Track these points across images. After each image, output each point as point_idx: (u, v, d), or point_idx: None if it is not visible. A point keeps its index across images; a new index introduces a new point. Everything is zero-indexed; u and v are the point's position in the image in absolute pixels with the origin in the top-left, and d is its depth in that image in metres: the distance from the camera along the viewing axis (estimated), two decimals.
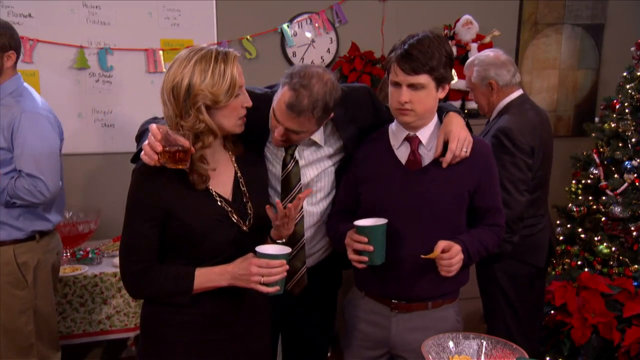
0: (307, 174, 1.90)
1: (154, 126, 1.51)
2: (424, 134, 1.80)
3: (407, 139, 1.80)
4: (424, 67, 1.67)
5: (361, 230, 1.70)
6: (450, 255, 1.67)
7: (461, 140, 1.75)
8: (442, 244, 1.67)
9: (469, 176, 1.79)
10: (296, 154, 1.87)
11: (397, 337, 1.86)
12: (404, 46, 1.70)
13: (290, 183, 1.87)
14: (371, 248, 1.68)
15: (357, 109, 1.91)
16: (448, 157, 1.75)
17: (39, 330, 2.43)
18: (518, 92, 2.58)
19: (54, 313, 2.56)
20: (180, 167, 1.53)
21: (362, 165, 1.86)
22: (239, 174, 1.70)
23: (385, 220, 1.69)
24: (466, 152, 1.76)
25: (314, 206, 1.93)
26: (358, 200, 1.87)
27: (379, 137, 1.88)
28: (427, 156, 1.80)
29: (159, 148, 1.50)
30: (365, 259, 1.70)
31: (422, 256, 1.68)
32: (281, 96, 1.69)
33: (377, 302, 1.89)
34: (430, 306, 1.85)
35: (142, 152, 1.54)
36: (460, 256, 1.69)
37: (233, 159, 1.71)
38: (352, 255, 1.73)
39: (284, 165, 1.87)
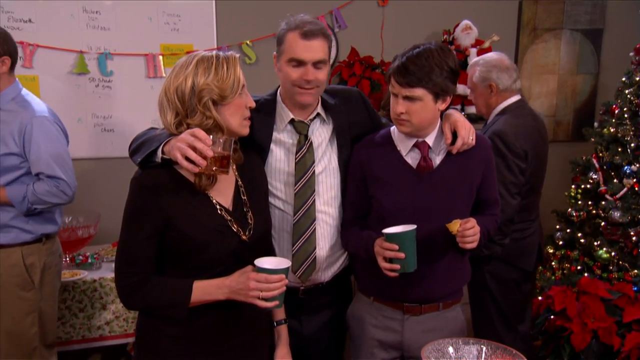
0: (319, 161, 1.90)
1: (202, 132, 1.47)
2: (431, 139, 1.84)
3: (416, 145, 1.83)
4: (419, 81, 1.70)
5: (391, 237, 1.68)
6: (472, 224, 1.71)
7: (467, 129, 1.81)
8: (459, 220, 1.72)
9: (475, 171, 1.85)
10: (308, 133, 1.90)
11: (410, 340, 1.88)
12: (402, 58, 1.73)
13: (305, 165, 1.88)
14: (403, 255, 1.67)
15: (347, 103, 1.97)
16: (459, 143, 1.80)
17: (42, 332, 2.44)
18: (516, 97, 2.60)
19: (55, 315, 2.57)
20: (224, 173, 1.51)
21: (369, 167, 1.87)
22: (239, 183, 1.68)
23: (414, 226, 1.68)
24: (473, 140, 1.81)
25: (326, 206, 1.92)
26: (369, 203, 1.88)
27: (383, 141, 1.90)
28: (435, 160, 1.84)
29: (211, 154, 1.46)
30: (398, 267, 1.69)
31: (447, 225, 1.71)
32: (292, 40, 1.79)
33: (388, 306, 1.90)
34: (441, 307, 1.89)
35: (179, 157, 1.46)
36: (478, 227, 1.73)
37: (234, 167, 1.69)
38: (383, 264, 1.72)
39: (299, 148, 1.88)
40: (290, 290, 1.91)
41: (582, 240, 3.11)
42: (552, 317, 2.67)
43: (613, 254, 2.93)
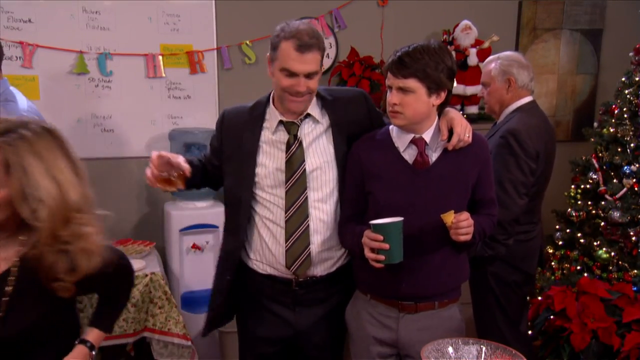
0: (310, 159, 1.93)
1: (154, 153, 1.84)
2: (428, 136, 1.85)
3: (413, 141, 1.85)
4: (412, 72, 1.74)
5: (377, 228, 1.71)
6: (466, 216, 1.73)
7: (464, 126, 1.83)
8: (454, 212, 1.74)
9: (471, 169, 1.86)
10: (298, 133, 1.93)
11: (405, 338, 1.89)
12: (397, 53, 1.78)
13: (293, 164, 1.91)
14: (387, 246, 1.70)
15: (347, 102, 2.00)
16: (454, 140, 1.81)
17: None
18: (529, 98, 2.59)
19: None
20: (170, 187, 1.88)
21: (367, 163, 1.89)
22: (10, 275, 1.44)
23: (401, 218, 1.71)
24: (469, 137, 1.83)
25: (320, 203, 1.94)
26: (367, 200, 1.90)
27: (381, 138, 1.92)
28: (432, 156, 1.86)
29: (149, 173, 1.85)
30: (382, 257, 1.72)
31: (441, 215, 1.72)
32: (286, 50, 1.79)
33: (384, 304, 1.92)
34: (437, 306, 1.89)
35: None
36: (472, 221, 1.75)
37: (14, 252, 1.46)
38: (369, 254, 1.75)
39: (288, 147, 1.92)
40: (284, 282, 1.94)
41: (581, 241, 3.11)
42: (551, 317, 2.67)
43: (613, 254, 2.93)
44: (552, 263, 3.20)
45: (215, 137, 2.06)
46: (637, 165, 2.93)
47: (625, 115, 3.07)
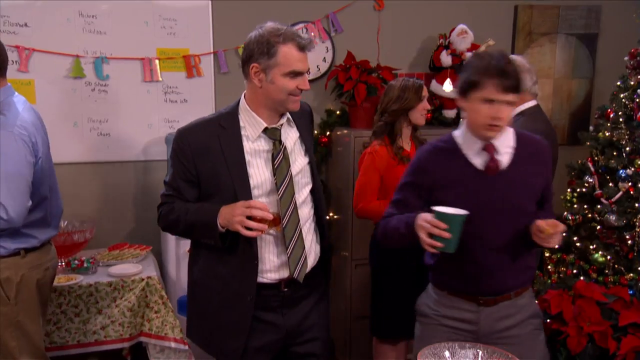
0: (295, 163, 1.96)
1: (257, 202, 1.78)
2: (497, 141, 1.89)
3: (485, 147, 1.88)
4: (517, 87, 1.79)
5: (441, 216, 1.72)
6: (563, 228, 1.78)
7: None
8: (543, 222, 1.77)
9: (540, 174, 1.95)
10: (281, 137, 1.93)
11: (485, 328, 1.96)
12: (501, 66, 1.78)
13: (283, 169, 1.91)
14: (448, 235, 1.70)
15: (303, 112, 2.05)
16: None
17: (22, 346, 2.30)
18: (533, 102, 2.60)
19: (39, 330, 2.40)
20: (279, 230, 1.86)
21: (436, 173, 1.92)
22: None
23: (466, 212, 1.73)
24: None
25: (303, 205, 1.98)
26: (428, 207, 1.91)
27: (446, 146, 1.95)
28: (502, 161, 1.90)
29: (271, 217, 1.76)
30: (440, 245, 1.73)
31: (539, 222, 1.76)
32: (289, 53, 1.82)
33: (463, 299, 1.97)
34: (513, 296, 1.97)
35: (240, 229, 1.75)
36: (563, 226, 1.79)
37: None
38: (425, 239, 1.74)
39: (275, 152, 1.91)
40: (272, 286, 1.96)
41: (577, 244, 3.11)
42: (548, 320, 2.67)
43: (609, 257, 2.93)
44: (549, 266, 3.20)
45: (185, 167, 1.90)
46: (632, 169, 2.93)
47: (621, 119, 3.07)
